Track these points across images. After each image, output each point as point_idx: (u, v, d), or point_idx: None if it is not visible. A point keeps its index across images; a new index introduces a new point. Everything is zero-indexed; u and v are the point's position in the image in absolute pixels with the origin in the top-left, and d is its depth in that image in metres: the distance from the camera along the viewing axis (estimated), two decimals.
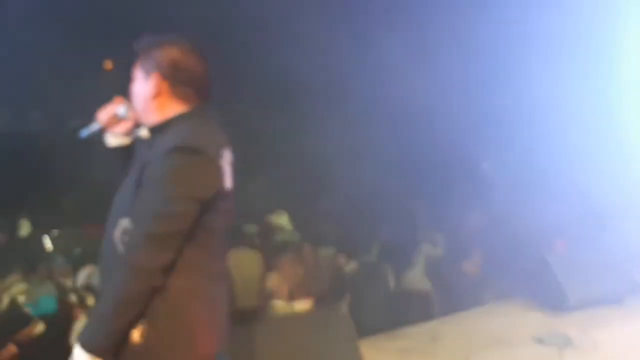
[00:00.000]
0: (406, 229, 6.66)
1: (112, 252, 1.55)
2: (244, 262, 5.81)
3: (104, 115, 1.75)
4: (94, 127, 1.76)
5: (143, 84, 1.64)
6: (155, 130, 1.64)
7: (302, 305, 4.53)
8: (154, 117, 1.64)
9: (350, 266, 5.89)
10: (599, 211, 4.69)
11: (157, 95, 1.62)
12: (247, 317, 4.93)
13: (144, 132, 1.69)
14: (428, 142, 7.85)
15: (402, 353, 3.21)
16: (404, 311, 5.82)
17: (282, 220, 6.83)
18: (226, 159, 1.62)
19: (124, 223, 1.54)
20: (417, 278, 5.99)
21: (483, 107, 6.08)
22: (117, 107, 1.74)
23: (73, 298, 4.22)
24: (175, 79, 1.61)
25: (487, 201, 5.79)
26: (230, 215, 1.68)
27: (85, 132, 1.77)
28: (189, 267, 1.49)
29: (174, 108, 1.63)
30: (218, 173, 1.56)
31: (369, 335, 3.53)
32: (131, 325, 1.43)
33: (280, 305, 4.26)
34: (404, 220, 6.99)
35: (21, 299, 4.61)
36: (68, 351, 1.50)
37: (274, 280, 4.50)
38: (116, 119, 1.74)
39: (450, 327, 3.57)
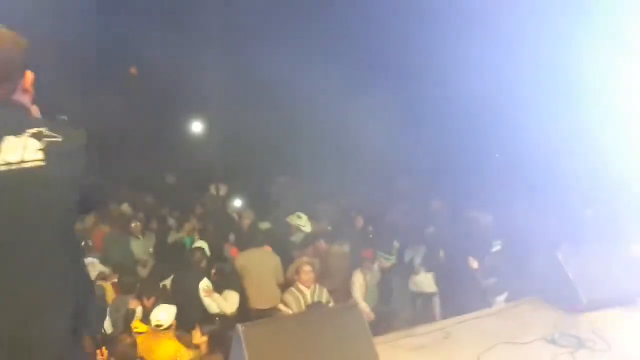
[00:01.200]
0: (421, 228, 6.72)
1: None
2: (260, 260, 5.80)
3: None
4: None
5: None
6: None
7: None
8: None
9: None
10: (613, 210, 4.67)
11: None
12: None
13: None
14: (444, 143, 7.88)
15: (415, 351, 3.26)
16: (418, 310, 5.91)
17: (301, 221, 6.89)
18: None
19: None
20: (426, 281, 6.05)
21: (497, 107, 6.12)
22: None
23: None
24: None
25: (499, 200, 5.81)
26: None
27: None
28: None
29: None
30: None
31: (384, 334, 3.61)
32: None
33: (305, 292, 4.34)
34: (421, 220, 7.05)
35: None
36: None
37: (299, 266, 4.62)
38: None
39: (462, 326, 3.59)
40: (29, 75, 1.66)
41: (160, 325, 4.46)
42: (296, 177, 9.66)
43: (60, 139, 1.56)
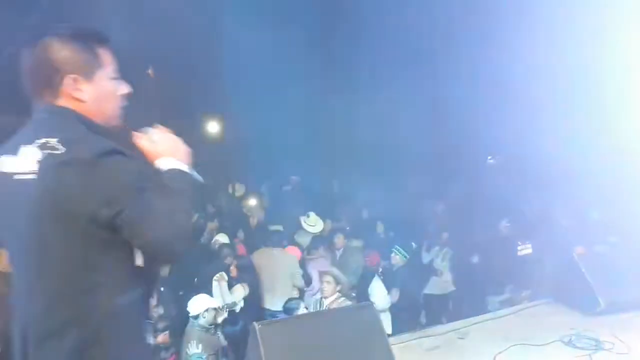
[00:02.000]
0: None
1: None
2: (273, 261, 5.77)
3: None
4: None
5: None
6: None
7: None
8: None
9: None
10: (632, 214, 4.62)
11: None
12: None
13: None
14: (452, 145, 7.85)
15: (430, 351, 3.26)
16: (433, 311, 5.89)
17: (309, 220, 6.91)
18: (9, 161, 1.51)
19: None
20: (443, 282, 6.03)
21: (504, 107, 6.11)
22: None
23: None
24: None
25: (517, 204, 5.78)
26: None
27: None
28: None
29: None
30: None
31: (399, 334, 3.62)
32: None
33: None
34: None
35: None
36: None
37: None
38: None
39: (478, 327, 3.58)
40: (68, 81, 1.55)
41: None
42: (310, 178, 9.68)
43: (59, 152, 1.42)
